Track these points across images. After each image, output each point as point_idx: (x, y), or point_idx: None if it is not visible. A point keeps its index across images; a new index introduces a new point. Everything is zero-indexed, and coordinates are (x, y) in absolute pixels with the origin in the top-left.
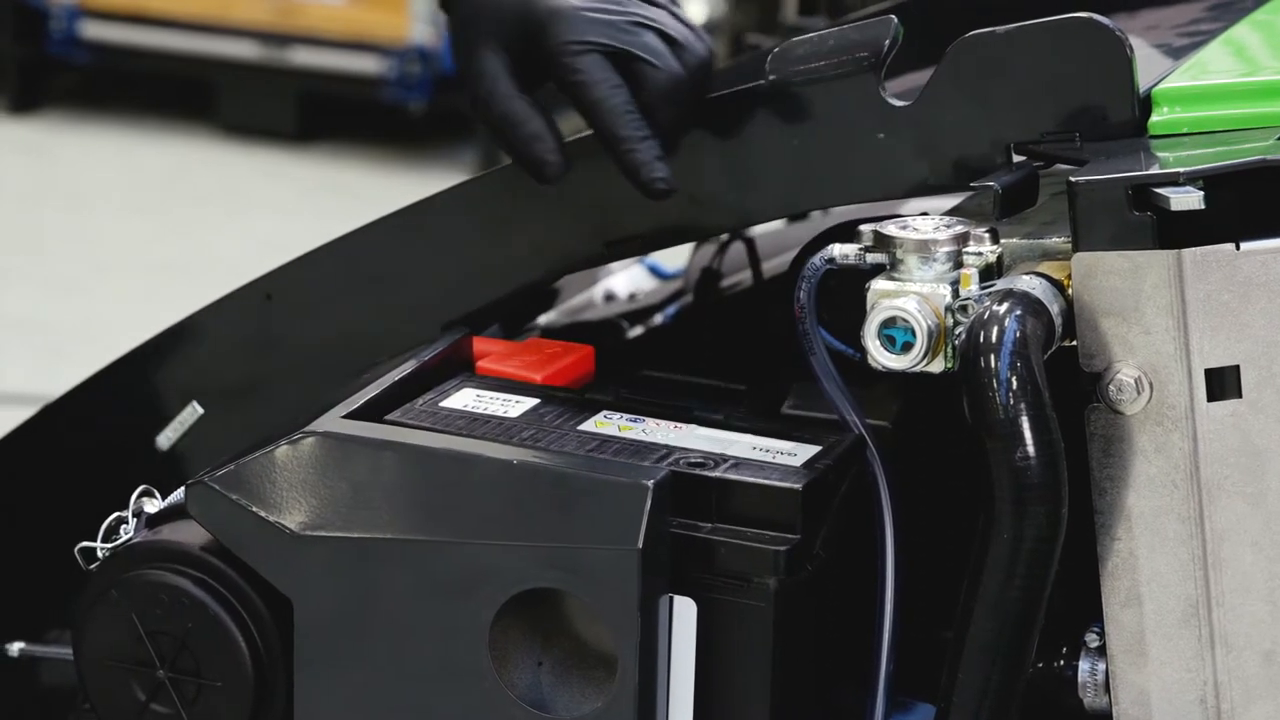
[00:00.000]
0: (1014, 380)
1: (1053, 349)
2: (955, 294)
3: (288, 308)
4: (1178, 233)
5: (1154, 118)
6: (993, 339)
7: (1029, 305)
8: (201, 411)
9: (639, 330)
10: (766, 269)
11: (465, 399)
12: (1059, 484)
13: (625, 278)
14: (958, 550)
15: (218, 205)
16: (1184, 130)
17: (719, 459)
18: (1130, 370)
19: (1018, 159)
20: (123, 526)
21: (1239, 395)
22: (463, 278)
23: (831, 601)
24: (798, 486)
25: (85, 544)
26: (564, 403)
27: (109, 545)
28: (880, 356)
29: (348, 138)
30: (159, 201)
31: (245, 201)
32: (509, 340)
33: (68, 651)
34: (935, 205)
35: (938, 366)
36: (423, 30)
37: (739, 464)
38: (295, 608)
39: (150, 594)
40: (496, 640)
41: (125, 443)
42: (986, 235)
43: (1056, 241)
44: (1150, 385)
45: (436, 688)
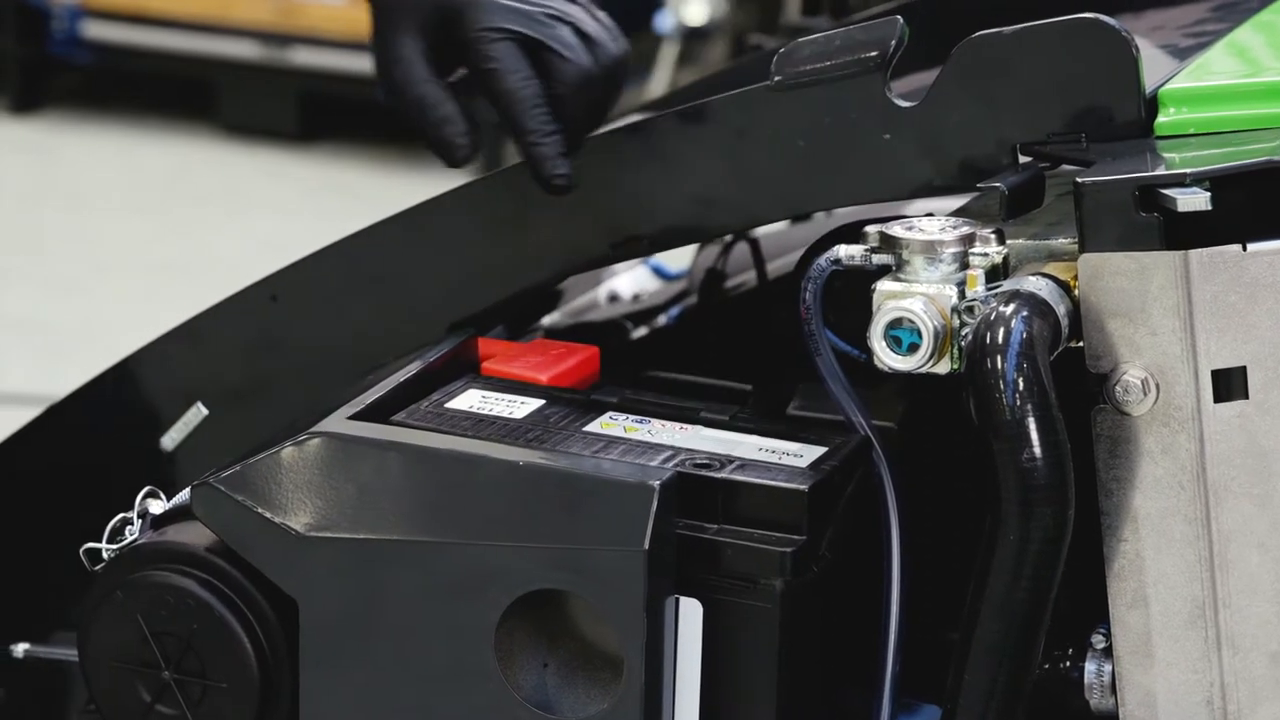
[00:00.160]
0: (1020, 381)
1: (1059, 350)
2: (961, 295)
3: (293, 309)
4: (1184, 234)
5: (1160, 119)
6: (999, 340)
7: (1035, 306)
8: (206, 413)
9: (643, 331)
10: (770, 270)
11: (471, 400)
12: (1065, 485)
13: (629, 279)
14: (963, 551)
15: (218, 205)
16: (1190, 131)
17: (725, 460)
18: (1137, 371)
19: (1024, 160)
20: (128, 527)
21: (1245, 396)
22: (468, 279)
23: (837, 603)
24: (804, 488)
25: (90, 545)
26: (569, 404)
27: (114, 546)
28: (886, 358)
29: (349, 138)
30: (159, 201)
31: (246, 201)
32: (514, 341)
33: (73, 653)
34: (941, 206)
35: (944, 368)
36: None
37: (745, 465)
38: (301, 609)
39: (155, 595)
40: (502, 641)
41: (130, 444)
42: (993, 236)
43: (1063, 242)
44: (1157, 386)
45: (442, 689)
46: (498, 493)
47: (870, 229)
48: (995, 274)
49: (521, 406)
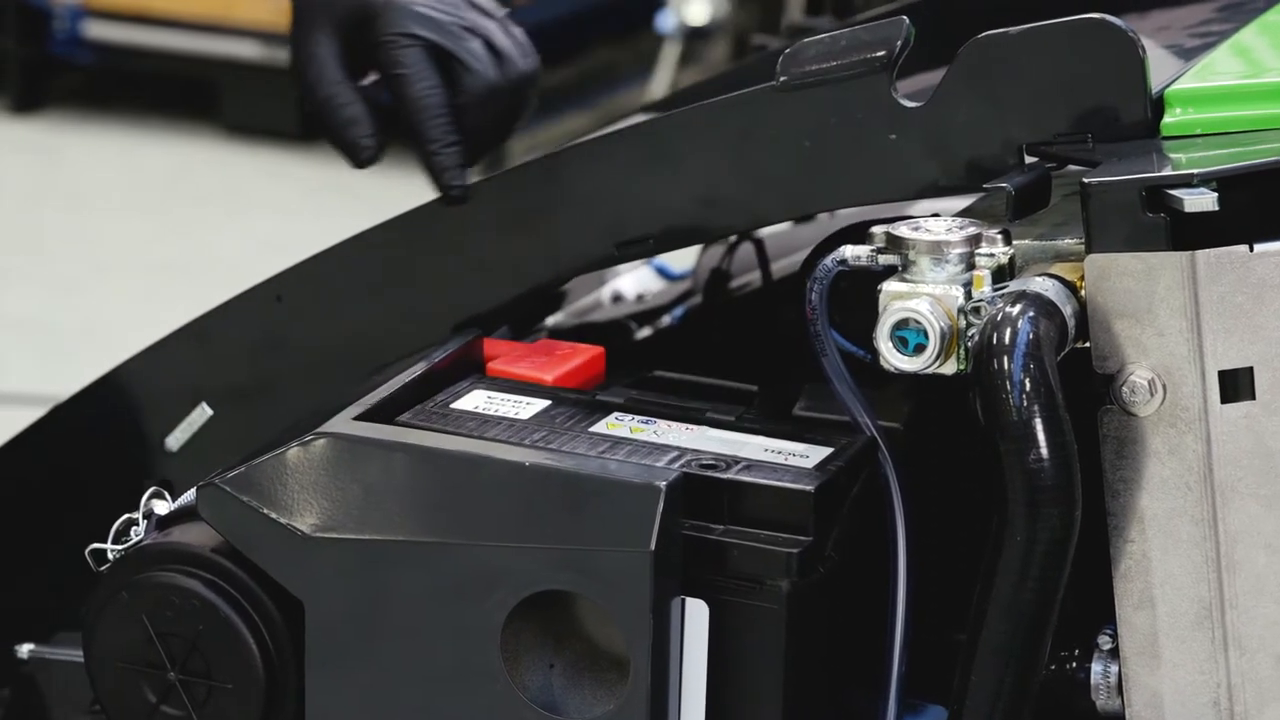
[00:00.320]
0: (1027, 382)
1: (1066, 351)
2: (968, 296)
3: (298, 309)
4: (1191, 234)
5: (1167, 119)
6: (1006, 341)
7: (1042, 307)
8: (211, 413)
9: (647, 332)
10: (774, 270)
11: (476, 400)
12: (1072, 486)
13: (633, 279)
14: (970, 552)
15: (219, 205)
16: (1197, 131)
17: (731, 461)
18: (1144, 372)
19: (1030, 160)
20: (133, 528)
21: (1252, 397)
22: (473, 279)
23: (843, 603)
24: (810, 488)
25: (96, 545)
26: (575, 404)
27: (119, 547)
28: (893, 358)
29: None
30: (160, 201)
31: (247, 201)
32: (519, 342)
33: (78, 653)
34: (947, 206)
35: (950, 368)
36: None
37: (751, 466)
38: (306, 610)
39: (161, 596)
40: (508, 642)
41: (134, 444)
42: (999, 237)
43: (1069, 243)
44: (1164, 387)
45: (448, 690)
46: (503, 493)
47: (876, 229)
48: (1001, 274)
49: (527, 407)
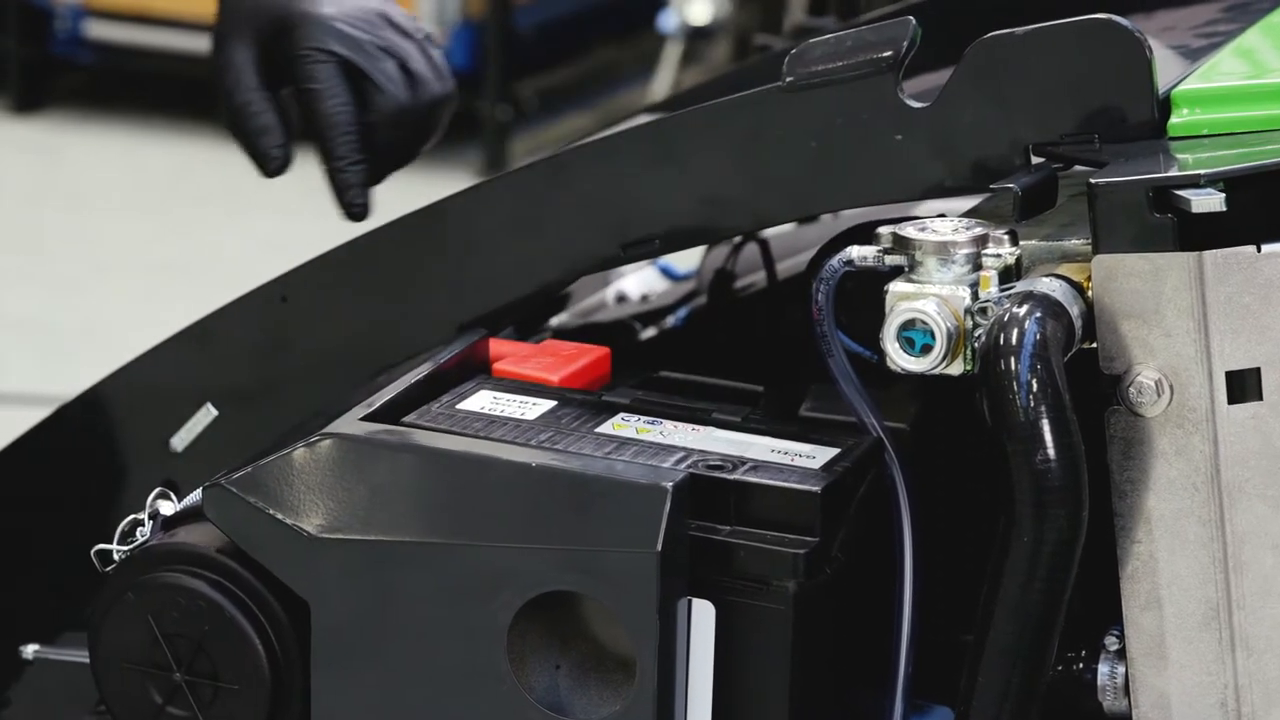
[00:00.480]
0: (1034, 383)
1: (1073, 351)
2: (975, 296)
3: (303, 309)
4: (1198, 235)
5: (1173, 119)
6: (1013, 341)
7: (1049, 307)
8: (216, 413)
9: (652, 332)
10: (779, 270)
11: (482, 401)
12: (1079, 487)
13: (637, 279)
14: (977, 553)
15: (220, 205)
16: (1204, 132)
17: (737, 461)
18: (1151, 372)
19: (1036, 160)
20: (139, 529)
21: (1260, 398)
22: (479, 280)
23: (850, 604)
24: (816, 489)
25: (101, 546)
26: (581, 405)
27: (125, 548)
28: (899, 359)
29: None
30: (161, 201)
31: (247, 201)
32: (524, 342)
33: (83, 654)
34: (953, 207)
35: (957, 369)
36: (428, 29)
37: (758, 466)
38: (312, 610)
39: (167, 596)
40: (514, 643)
41: (139, 445)
42: (1005, 237)
43: (1076, 243)
44: (1171, 388)
45: (454, 691)
46: (510, 494)
47: (883, 230)
48: (1008, 275)
49: (533, 408)
